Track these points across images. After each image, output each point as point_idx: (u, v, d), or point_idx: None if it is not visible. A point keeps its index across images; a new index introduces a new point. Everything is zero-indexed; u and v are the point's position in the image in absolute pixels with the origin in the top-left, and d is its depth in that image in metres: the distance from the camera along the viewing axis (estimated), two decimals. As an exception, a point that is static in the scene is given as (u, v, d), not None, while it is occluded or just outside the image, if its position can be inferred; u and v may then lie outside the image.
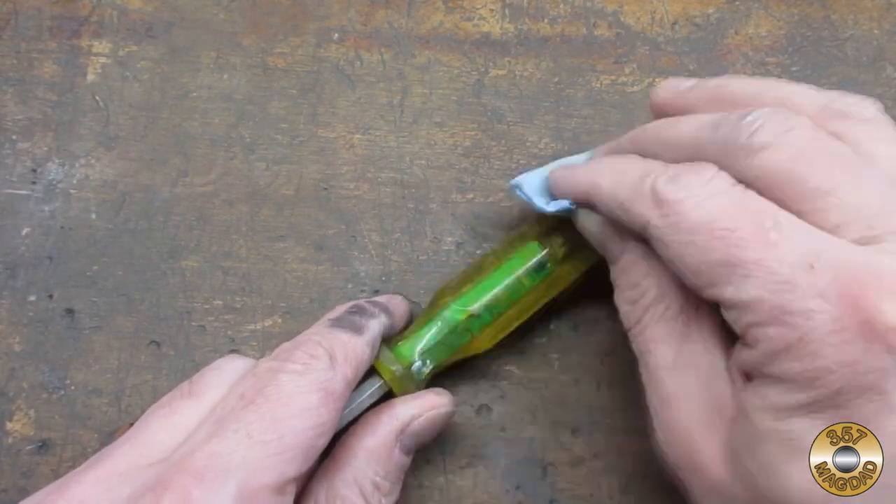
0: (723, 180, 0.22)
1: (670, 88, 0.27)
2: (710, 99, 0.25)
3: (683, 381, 0.23)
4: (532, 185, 0.29)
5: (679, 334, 0.23)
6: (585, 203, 0.27)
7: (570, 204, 0.27)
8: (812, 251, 0.20)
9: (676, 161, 0.24)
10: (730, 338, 0.23)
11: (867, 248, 0.20)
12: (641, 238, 0.24)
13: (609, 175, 0.25)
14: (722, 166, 0.22)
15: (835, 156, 0.21)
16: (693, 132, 0.24)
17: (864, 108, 0.23)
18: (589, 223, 0.27)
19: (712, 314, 0.23)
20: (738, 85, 0.25)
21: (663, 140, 0.25)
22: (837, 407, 0.19)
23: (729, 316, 0.21)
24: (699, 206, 0.21)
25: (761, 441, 0.20)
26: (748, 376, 0.22)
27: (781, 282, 0.19)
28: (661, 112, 0.27)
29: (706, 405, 0.22)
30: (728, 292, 0.20)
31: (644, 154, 0.26)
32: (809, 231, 0.20)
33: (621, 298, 0.25)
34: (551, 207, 0.28)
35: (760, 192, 0.21)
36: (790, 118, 0.22)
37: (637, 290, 0.25)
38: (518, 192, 0.29)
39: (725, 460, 0.21)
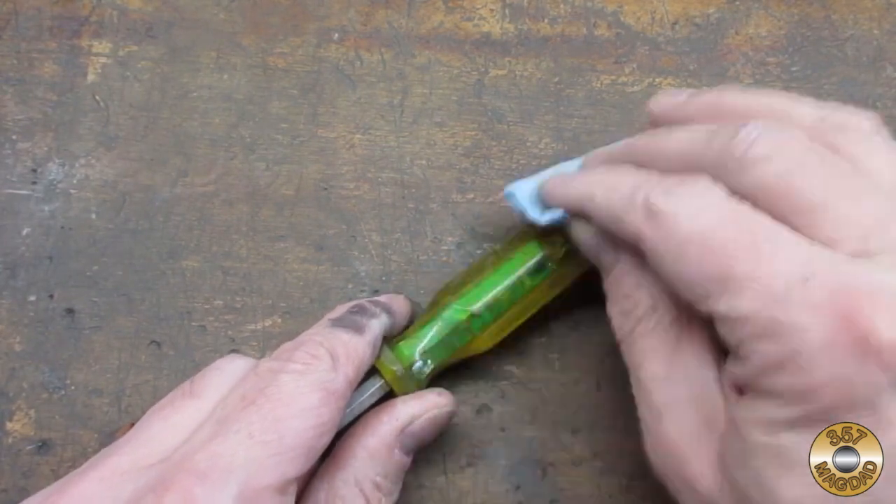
0: (716, 193, 0.22)
1: (668, 99, 0.27)
2: (706, 110, 0.25)
3: (674, 394, 0.23)
4: (525, 193, 0.29)
5: (670, 346, 0.23)
6: (578, 213, 0.26)
7: (563, 214, 0.27)
8: (807, 265, 0.19)
9: (670, 172, 0.24)
10: (722, 351, 0.23)
11: (863, 262, 0.19)
12: (634, 249, 0.24)
13: (602, 186, 0.25)
14: (716, 179, 0.22)
15: (830, 169, 0.21)
16: (687, 144, 0.24)
17: (861, 121, 0.23)
18: (582, 234, 0.27)
19: (704, 327, 0.23)
20: (734, 97, 0.25)
21: (658, 151, 0.25)
22: (829, 422, 0.19)
23: (722, 329, 0.21)
24: (692, 219, 0.21)
25: (752, 455, 0.20)
26: (740, 390, 0.21)
27: (775, 295, 0.19)
28: (658, 122, 0.27)
29: (697, 418, 0.22)
30: (722, 306, 0.20)
31: (638, 164, 0.25)
32: (804, 244, 0.20)
33: (613, 310, 0.25)
34: (545, 218, 0.28)
35: (755, 206, 0.21)
36: (785, 132, 0.22)
37: (629, 301, 0.25)
38: (511, 201, 0.29)
39: (715, 474, 0.21)
